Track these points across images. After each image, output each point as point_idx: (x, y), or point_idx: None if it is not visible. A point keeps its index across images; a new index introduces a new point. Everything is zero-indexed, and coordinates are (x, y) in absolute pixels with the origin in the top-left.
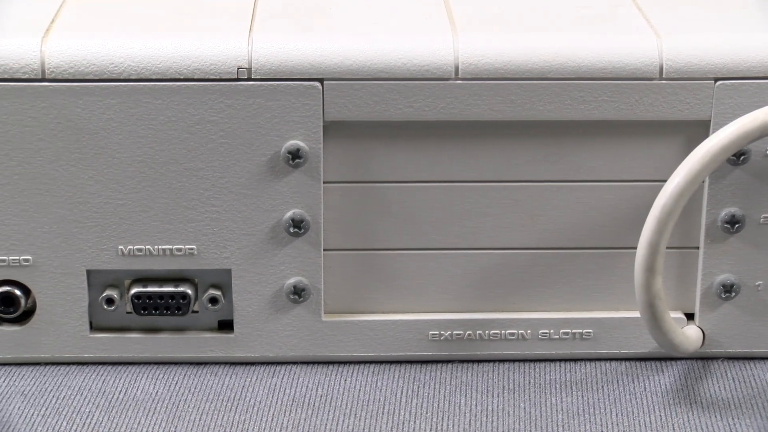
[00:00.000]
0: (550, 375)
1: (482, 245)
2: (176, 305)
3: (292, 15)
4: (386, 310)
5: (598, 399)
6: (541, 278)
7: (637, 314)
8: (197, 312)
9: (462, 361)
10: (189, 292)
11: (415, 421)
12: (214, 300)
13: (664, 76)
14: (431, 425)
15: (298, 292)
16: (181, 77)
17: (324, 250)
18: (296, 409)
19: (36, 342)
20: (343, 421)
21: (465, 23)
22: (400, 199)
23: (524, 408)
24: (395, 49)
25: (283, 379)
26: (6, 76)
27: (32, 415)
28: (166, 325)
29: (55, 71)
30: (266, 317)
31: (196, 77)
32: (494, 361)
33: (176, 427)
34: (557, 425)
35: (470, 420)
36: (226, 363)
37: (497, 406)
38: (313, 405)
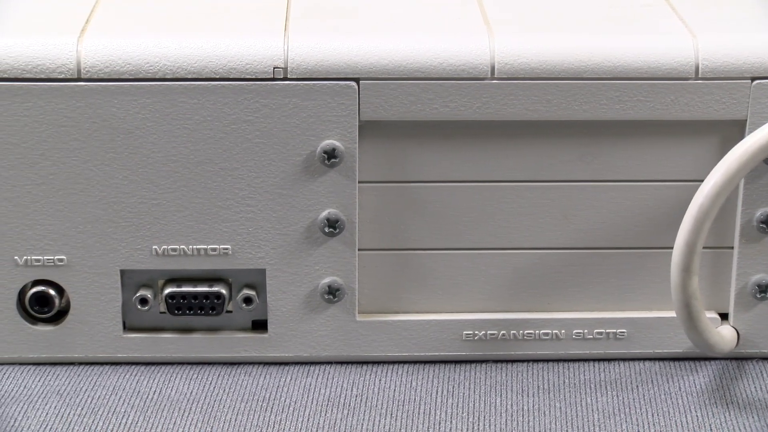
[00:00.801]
0: (584, 375)
1: (516, 245)
2: (210, 305)
3: (325, 14)
4: (420, 309)
5: (633, 399)
6: (575, 278)
7: (671, 314)
8: (231, 312)
9: (496, 361)
10: (223, 291)
11: (451, 421)
12: (248, 300)
13: (699, 75)
14: (468, 425)
15: (333, 292)
16: (217, 77)
17: (358, 249)
18: (332, 409)
19: (70, 342)
20: (380, 421)
21: (499, 23)
22: (435, 198)
23: (560, 408)
24: (431, 49)
25: (317, 379)
26: (42, 76)
27: (68, 414)
28: (200, 325)
29: (91, 71)
30: (300, 317)
31: (231, 77)
32: (528, 361)
33: (212, 427)
34: (593, 425)
35: (506, 420)
36: (259, 363)
37: (533, 406)
38: (349, 405)
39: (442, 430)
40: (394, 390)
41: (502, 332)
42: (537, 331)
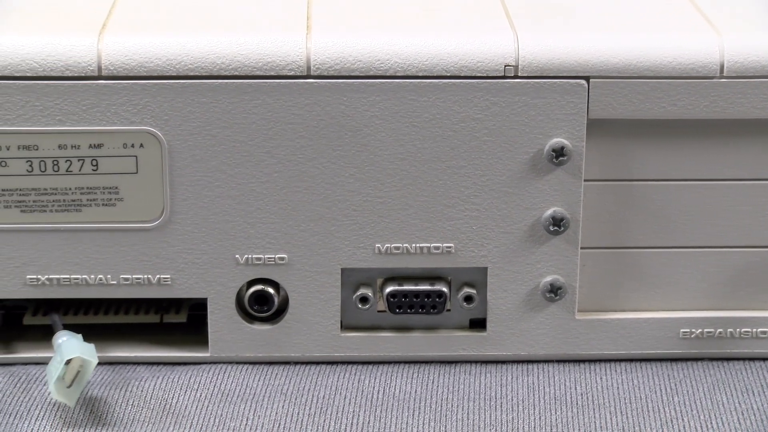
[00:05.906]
0: None
1: (736, 243)
2: (431, 304)
3: (543, 12)
4: (637, 307)
5: None
6: None
7: None
8: (449, 310)
9: (712, 359)
10: (445, 290)
11: (682, 419)
12: (469, 298)
13: None
14: (700, 423)
15: (555, 291)
16: (448, 74)
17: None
18: (561, 407)
19: (287, 341)
20: (610, 419)
21: (723, 22)
22: (657, 197)
23: None
24: (661, 47)
25: (538, 377)
26: (272, 73)
27: (298, 414)
28: (418, 323)
29: (321, 68)
30: (520, 315)
31: (462, 74)
32: (745, 359)
33: (446, 426)
34: None
35: (737, 418)
36: (477, 362)
37: (762, 405)
38: (577, 403)
39: (675, 428)
40: (617, 388)
41: (719, 330)
42: (754, 330)
